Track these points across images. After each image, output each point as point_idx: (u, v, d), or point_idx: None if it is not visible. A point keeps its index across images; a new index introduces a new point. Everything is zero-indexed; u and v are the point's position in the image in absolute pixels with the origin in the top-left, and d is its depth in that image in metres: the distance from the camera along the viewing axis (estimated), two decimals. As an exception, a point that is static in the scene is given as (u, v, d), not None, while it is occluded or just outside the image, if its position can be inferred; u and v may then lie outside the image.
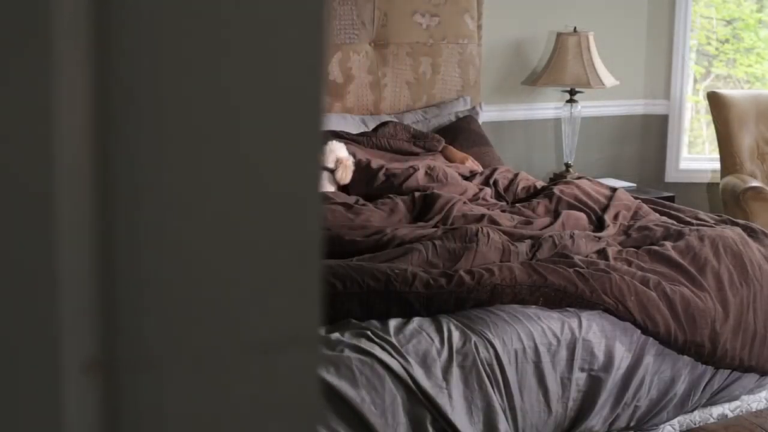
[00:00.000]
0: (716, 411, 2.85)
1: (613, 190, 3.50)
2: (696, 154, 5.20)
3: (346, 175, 3.55)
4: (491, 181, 3.64)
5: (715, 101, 4.58)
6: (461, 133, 4.21)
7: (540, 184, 3.67)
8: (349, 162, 3.57)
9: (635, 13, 4.93)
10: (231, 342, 0.45)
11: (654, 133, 5.04)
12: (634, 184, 4.74)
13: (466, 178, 3.66)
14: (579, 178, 3.77)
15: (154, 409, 0.44)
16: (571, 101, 4.59)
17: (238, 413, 0.47)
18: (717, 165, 4.70)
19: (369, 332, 2.30)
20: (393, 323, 2.37)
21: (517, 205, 3.41)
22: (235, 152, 0.43)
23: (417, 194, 3.31)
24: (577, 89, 4.55)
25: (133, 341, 0.43)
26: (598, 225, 3.21)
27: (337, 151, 3.57)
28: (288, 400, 0.48)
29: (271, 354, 0.47)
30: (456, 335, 2.35)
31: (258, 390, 0.47)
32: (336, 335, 2.29)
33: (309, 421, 0.49)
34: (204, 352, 0.45)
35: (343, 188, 3.59)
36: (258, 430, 0.47)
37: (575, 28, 4.56)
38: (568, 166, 4.65)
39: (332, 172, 3.55)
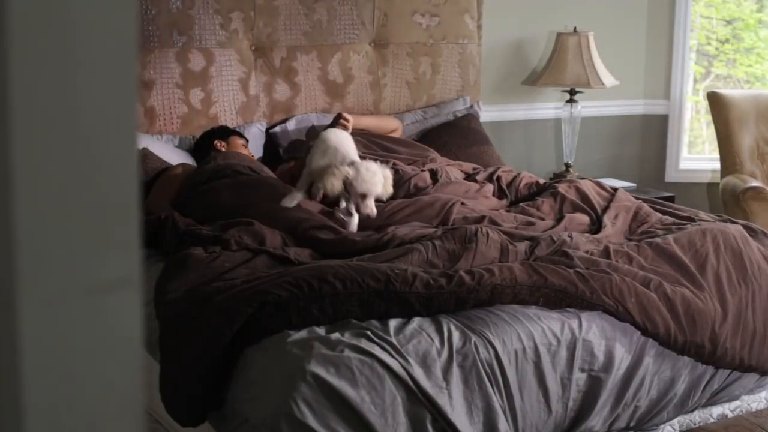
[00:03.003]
0: (716, 411, 2.84)
1: (614, 190, 3.49)
2: (696, 154, 5.19)
3: (389, 188, 3.12)
4: (494, 178, 3.63)
5: (715, 101, 4.58)
6: (461, 131, 4.21)
7: (542, 181, 3.66)
8: (388, 173, 3.12)
9: (635, 13, 4.93)
10: (75, 285, 0.59)
11: (654, 133, 5.04)
12: (634, 184, 4.74)
13: (468, 177, 3.65)
14: (580, 178, 3.76)
15: (15, 341, 0.57)
16: (571, 101, 4.59)
17: (82, 344, 0.60)
18: (717, 165, 4.70)
19: (369, 332, 2.30)
20: (393, 323, 2.37)
21: (521, 204, 3.39)
22: (73, 141, 0.58)
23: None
24: (577, 89, 4.55)
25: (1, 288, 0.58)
26: (598, 226, 3.20)
27: (373, 167, 3.03)
28: (121, 331, 0.62)
29: (108, 294, 0.60)
30: (456, 335, 2.35)
31: (98, 323, 0.60)
32: (336, 335, 2.28)
33: (135, 348, 0.63)
34: (53, 294, 0.58)
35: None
36: (99, 357, 0.61)
37: (575, 28, 4.56)
38: (568, 166, 4.65)
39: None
